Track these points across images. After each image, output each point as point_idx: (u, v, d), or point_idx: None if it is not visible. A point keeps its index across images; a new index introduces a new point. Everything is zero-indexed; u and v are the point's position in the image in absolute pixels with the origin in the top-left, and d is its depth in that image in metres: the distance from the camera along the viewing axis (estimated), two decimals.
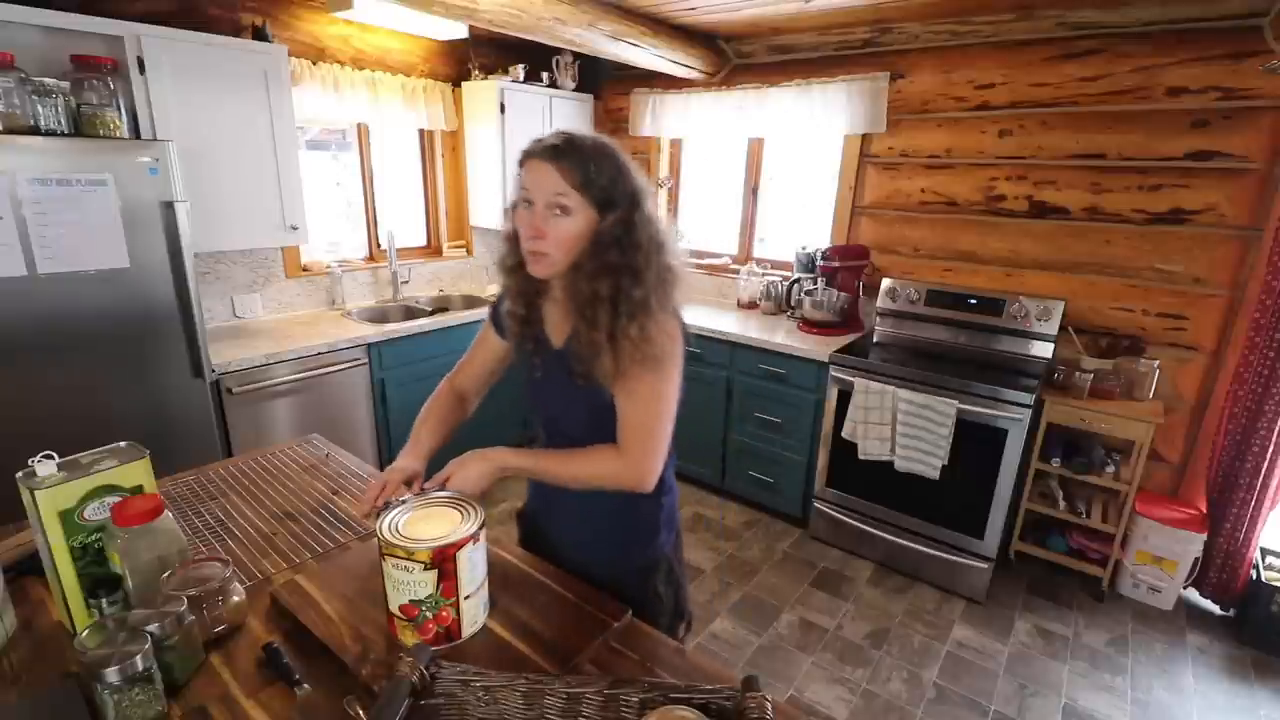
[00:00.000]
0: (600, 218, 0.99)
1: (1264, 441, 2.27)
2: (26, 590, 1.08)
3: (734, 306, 3.53)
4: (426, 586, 0.90)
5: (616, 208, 0.99)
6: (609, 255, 0.98)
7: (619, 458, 1.04)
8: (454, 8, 2.14)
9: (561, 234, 0.98)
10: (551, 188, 0.97)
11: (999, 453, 2.37)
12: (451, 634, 0.94)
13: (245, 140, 2.43)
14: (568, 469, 1.06)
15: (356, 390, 2.75)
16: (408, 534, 0.92)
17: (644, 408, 1.03)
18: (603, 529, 1.18)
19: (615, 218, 0.98)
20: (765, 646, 2.29)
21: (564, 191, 0.96)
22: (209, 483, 1.48)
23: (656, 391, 1.02)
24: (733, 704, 0.74)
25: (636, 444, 1.03)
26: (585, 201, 0.97)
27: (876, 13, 2.67)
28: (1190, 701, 2.10)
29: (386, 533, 0.91)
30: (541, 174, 0.97)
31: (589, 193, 0.97)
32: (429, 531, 0.92)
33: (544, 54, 3.37)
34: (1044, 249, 2.73)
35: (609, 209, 0.99)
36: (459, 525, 0.94)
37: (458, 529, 0.93)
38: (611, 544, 1.18)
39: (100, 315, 1.96)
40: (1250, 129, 2.27)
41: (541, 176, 0.97)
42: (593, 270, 0.99)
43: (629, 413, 1.03)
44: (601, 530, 1.18)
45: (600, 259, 0.98)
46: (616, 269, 0.98)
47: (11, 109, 1.76)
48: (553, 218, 0.98)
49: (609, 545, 1.18)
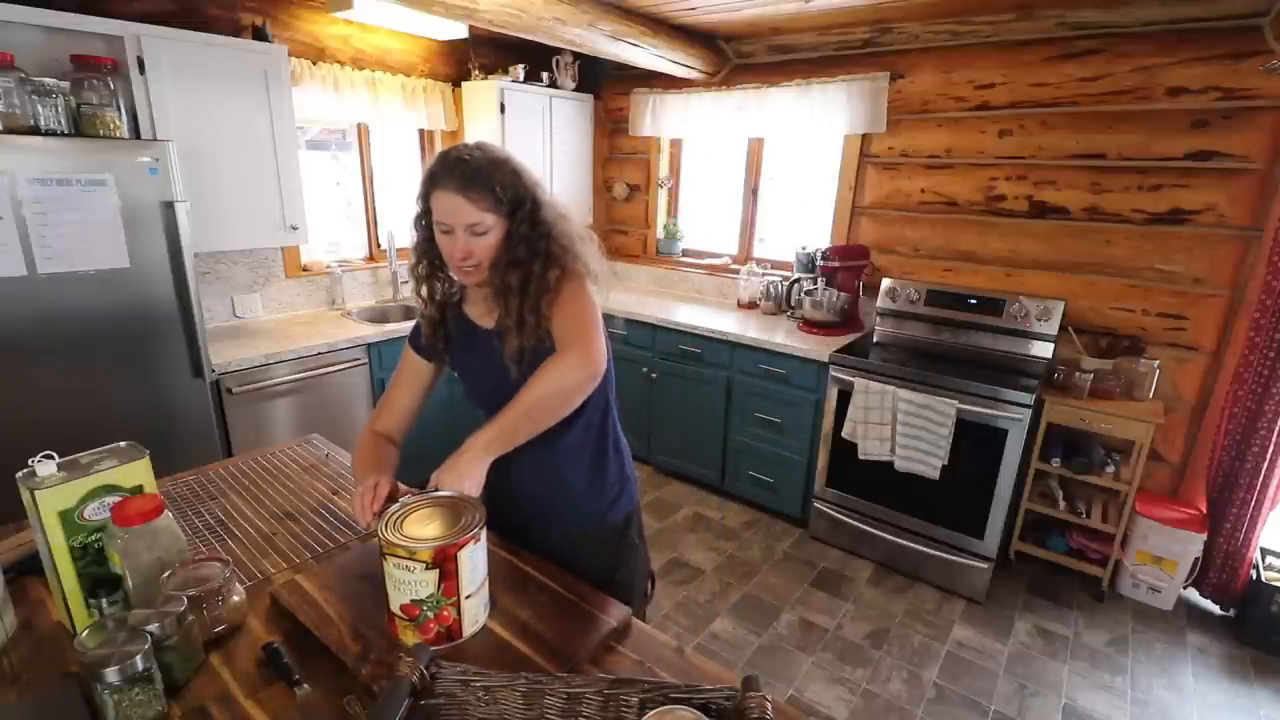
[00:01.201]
0: (510, 221, 1.09)
1: (1264, 441, 2.27)
2: (26, 590, 1.08)
3: (734, 306, 3.53)
4: (428, 586, 0.89)
5: (523, 208, 1.09)
6: (519, 251, 1.09)
7: (562, 355, 1.06)
8: (454, 8, 2.14)
9: (484, 249, 1.09)
10: (466, 218, 1.06)
11: (999, 453, 2.37)
12: (453, 633, 0.94)
13: (245, 140, 2.43)
14: (525, 399, 1.04)
15: (356, 390, 2.75)
16: (408, 534, 0.92)
17: (568, 310, 1.09)
18: (579, 491, 1.23)
19: (521, 217, 1.09)
20: (765, 646, 2.29)
21: (478, 218, 1.06)
22: (209, 483, 1.48)
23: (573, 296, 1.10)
24: (733, 704, 0.74)
25: (572, 337, 1.07)
26: (498, 217, 1.08)
27: (876, 13, 2.67)
28: (1190, 701, 2.10)
29: (388, 533, 0.91)
30: (454, 205, 1.06)
31: (499, 209, 1.08)
32: (430, 531, 0.92)
33: (544, 54, 3.37)
34: (1044, 249, 2.73)
35: (517, 211, 1.09)
36: (460, 525, 0.94)
37: (459, 529, 0.93)
38: (590, 505, 1.24)
39: (100, 315, 1.96)
40: (1250, 129, 2.27)
41: (454, 207, 1.06)
42: (505, 265, 1.09)
43: (558, 329, 1.09)
44: (578, 493, 1.23)
45: (511, 254, 1.09)
46: (526, 260, 1.09)
47: (11, 109, 1.76)
48: (473, 238, 1.08)
49: (587, 506, 1.24)
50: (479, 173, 1.05)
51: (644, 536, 1.34)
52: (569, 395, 1.06)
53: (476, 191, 1.05)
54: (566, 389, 1.05)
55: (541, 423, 1.06)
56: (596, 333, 1.08)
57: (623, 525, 1.27)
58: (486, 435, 1.04)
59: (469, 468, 1.02)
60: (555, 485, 1.22)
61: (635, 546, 1.29)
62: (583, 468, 1.22)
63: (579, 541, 1.23)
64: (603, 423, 1.23)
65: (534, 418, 1.05)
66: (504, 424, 1.04)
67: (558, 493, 1.23)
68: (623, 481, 1.28)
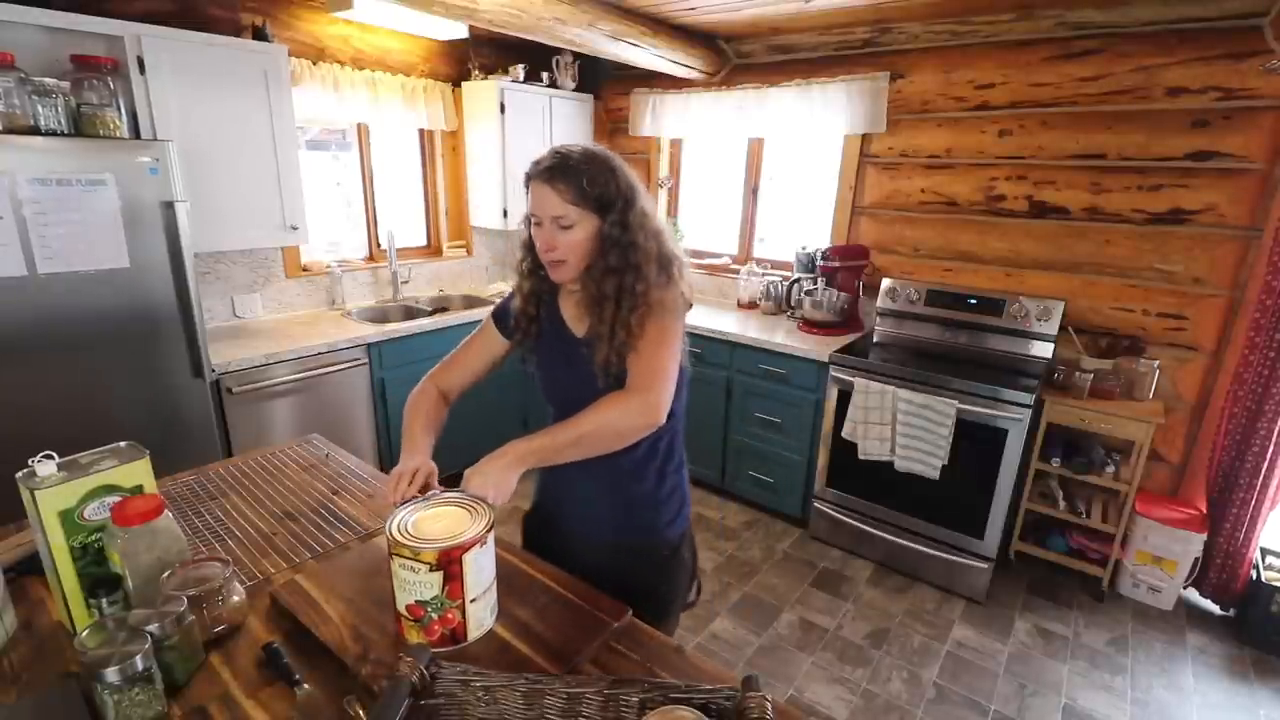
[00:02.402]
0: (602, 220, 1.08)
1: (1264, 441, 2.27)
2: (26, 590, 1.08)
3: (734, 306, 3.53)
4: (432, 588, 0.89)
5: (614, 209, 1.07)
6: (610, 257, 1.07)
7: (627, 397, 1.05)
8: (454, 8, 2.14)
9: (570, 244, 1.08)
10: (551, 208, 1.06)
11: (999, 453, 2.37)
12: (457, 636, 0.94)
13: (245, 140, 2.43)
14: (580, 426, 1.03)
15: (356, 390, 2.75)
16: (416, 533, 0.91)
17: (648, 350, 1.06)
18: (640, 503, 1.21)
19: (612, 219, 1.07)
20: (765, 646, 2.29)
21: (562, 210, 1.06)
22: (209, 483, 1.48)
23: (658, 336, 1.07)
24: (733, 704, 0.74)
25: (642, 378, 1.05)
26: (584, 211, 1.07)
27: (876, 13, 2.67)
28: (1190, 701, 2.10)
29: (395, 532, 0.91)
30: (542, 195, 1.07)
31: (585, 203, 1.06)
32: (438, 531, 0.92)
33: (544, 54, 3.37)
34: (1044, 249, 2.73)
35: (608, 211, 1.07)
36: (468, 526, 0.93)
37: (466, 530, 0.92)
38: (647, 519, 1.22)
39: (100, 315, 1.96)
40: (1250, 129, 2.27)
41: (542, 198, 1.07)
42: (599, 272, 1.08)
43: (634, 359, 1.06)
44: (638, 505, 1.21)
45: (605, 261, 1.08)
46: (619, 270, 1.07)
47: (11, 109, 1.76)
48: (559, 232, 1.08)
49: (644, 519, 1.22)
50: (569, 166, 1.05)
51: (695, 551, 1.34)
52: (623, 436, 1.06)
53: (563, 183, 1.05)
54: (621, 431, 1.05)
55: (588, 453, 1.06)
56: (667, 380, 1.06)
57: (677, 542, 1.26)
58: (528, 446, 1.04)
59: (501, 475, 1.02)
60: (617, 494, 1.21)
61: (685, 562, 1.29)
62: (646, 482, 1.21)
63: (628, 552, 1.22)
64: (672, 441, 1.22)
65: (583, 446, 1.05)
66: (551, 443, 1.04)
67: (617, 501, 1.21)
68: (680, 501, 1.26)
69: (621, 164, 1.11)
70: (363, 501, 1.42)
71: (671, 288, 1.10)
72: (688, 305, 1.14)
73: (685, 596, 1.32)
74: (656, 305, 1.07)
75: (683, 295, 1.12)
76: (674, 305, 1.10)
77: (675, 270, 1.12)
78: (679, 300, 1.11)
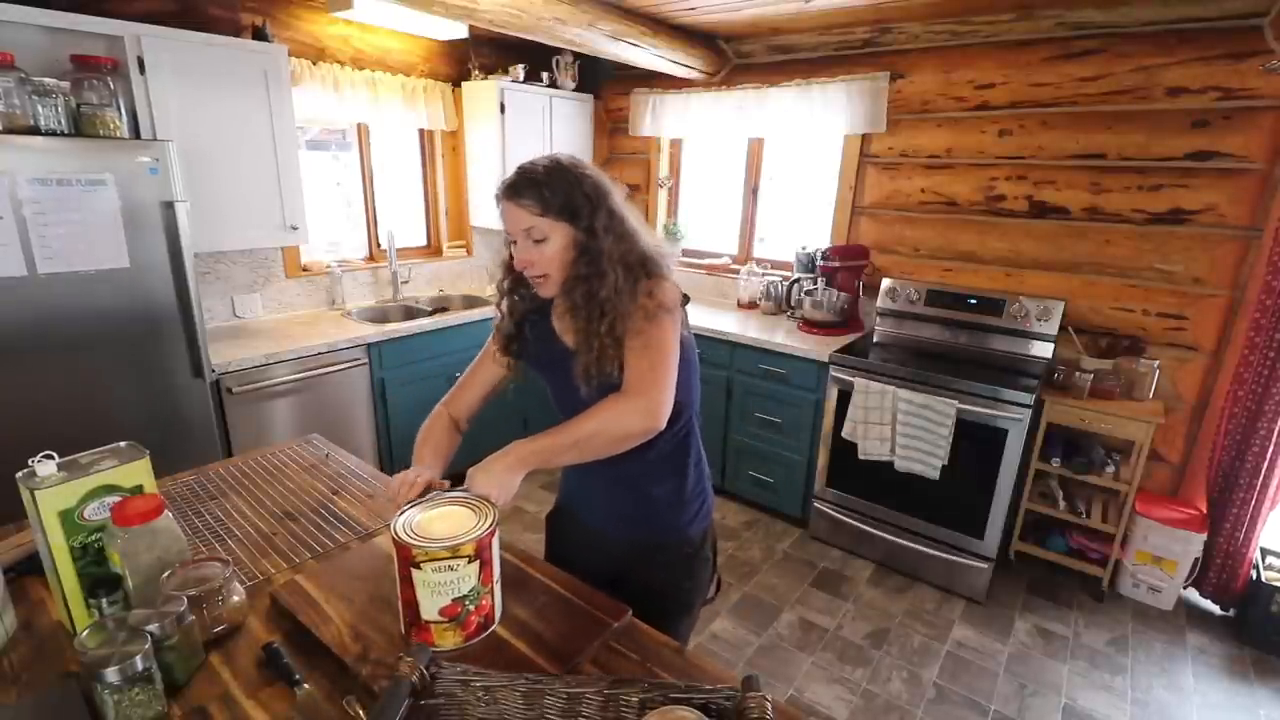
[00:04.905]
0: (575, 228, 1.07)
1: (1264, 441, 2.27)
2: (26, 590, 1.08)
3: (734, 306, 3.53)
4: (470, 580, 0.90)
5: (583, 215, 1.06)
6: (580, 265, 1.07)
7: (625, 401, 1.04)
8: (454, 8, 2.14)
9: (547, 257, 1.08)
10: (520, 222, 1.07)
11: (999, 453, 2.37)
12: (488, 621, 0.96)
13: (245, 140, 2.43)
14: (579, 430, 1.03)
15: (356, 390, 2.75)
16: (430, 534, 0.91)
17: (642, 353, 1.05)
18: (661, 502, 1.21)
19: (584, 226, 1.06)
20: (765, 646, 2.29)
21: (530, 222, 1.06)
22: (209, 483, 1.48)
23: (651, 339, 1.05)
24: (733, 704, 0.74)
25: (639, 382, 1.04)
26: (554, 222, 1.06)
27: (876, 13, 2.67)
28: (1190, 701, 2.10)
29: (421, 540, 0.89)
30: (510, 213, 1.08)
31: (552, 213, 1.05)
32: (451, 529, 0.92)
33: (544, 54, 3.37)
34: (1044, 249, 2.73)
35: (578, 218, 1.06)
36: (477, 517, 0.94)
37: (481, 519, 0.94)
38: (669, 517, 1.22)
39: (100, 315, 1.96)
40: (1250, 129, 2.27)
41: (510, 215, 1.08)
42: (571, 281, 1.08)
43: (629, 364, 1.06)
44: (659, 504, 1.21)
45: (575, 269, 1.08)
46: (586, 277, 1.06)
47: (11, 109, 1.75)
48: (533, 246, 1.07)
49: (666, 518, 1.22)
50: (529, 180, 1.05)
51: (717, 550, 1.34)
52: (622, 441, 1.05)
53: (527, 196, 1.05)
54: (618, 435, 1.04)
55: (589, 456, 1.06)
56: (664, 382, 1.04)
57: (699, 540, 1.26)
58: (530, 447, 1.04)
59: (505, 475, 1.02)
60: (637, 494, 1.21)
61: (708, 560, 1.29)
62: (665, 480, 1.21)
63: (652, 550, 1.22)
64: (686, 438, 1.22)
65: (582, 449, 1.05)
66: (551, 444, 1.04)
67: (639, 501, 1.21)
68: (701, 497, 1.26)
69: (589, 170, 1.09)
70: (363, 501, 1.42)
71: (657, 286, 1.07)
72: (683, 300, 1.12)
73: (706, 592, 1.33)
74: (638, 308, 1.05)
75: (673, 292, 1.10)
76: (662, 304, 1.06)
77: (661, 268, 1.10)
78: (668, 298, 1.07)
